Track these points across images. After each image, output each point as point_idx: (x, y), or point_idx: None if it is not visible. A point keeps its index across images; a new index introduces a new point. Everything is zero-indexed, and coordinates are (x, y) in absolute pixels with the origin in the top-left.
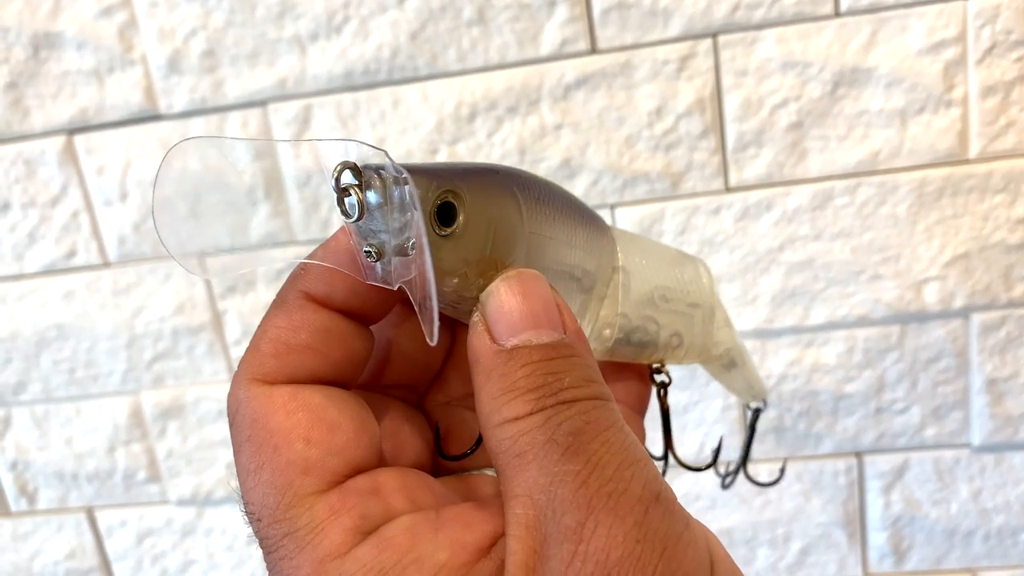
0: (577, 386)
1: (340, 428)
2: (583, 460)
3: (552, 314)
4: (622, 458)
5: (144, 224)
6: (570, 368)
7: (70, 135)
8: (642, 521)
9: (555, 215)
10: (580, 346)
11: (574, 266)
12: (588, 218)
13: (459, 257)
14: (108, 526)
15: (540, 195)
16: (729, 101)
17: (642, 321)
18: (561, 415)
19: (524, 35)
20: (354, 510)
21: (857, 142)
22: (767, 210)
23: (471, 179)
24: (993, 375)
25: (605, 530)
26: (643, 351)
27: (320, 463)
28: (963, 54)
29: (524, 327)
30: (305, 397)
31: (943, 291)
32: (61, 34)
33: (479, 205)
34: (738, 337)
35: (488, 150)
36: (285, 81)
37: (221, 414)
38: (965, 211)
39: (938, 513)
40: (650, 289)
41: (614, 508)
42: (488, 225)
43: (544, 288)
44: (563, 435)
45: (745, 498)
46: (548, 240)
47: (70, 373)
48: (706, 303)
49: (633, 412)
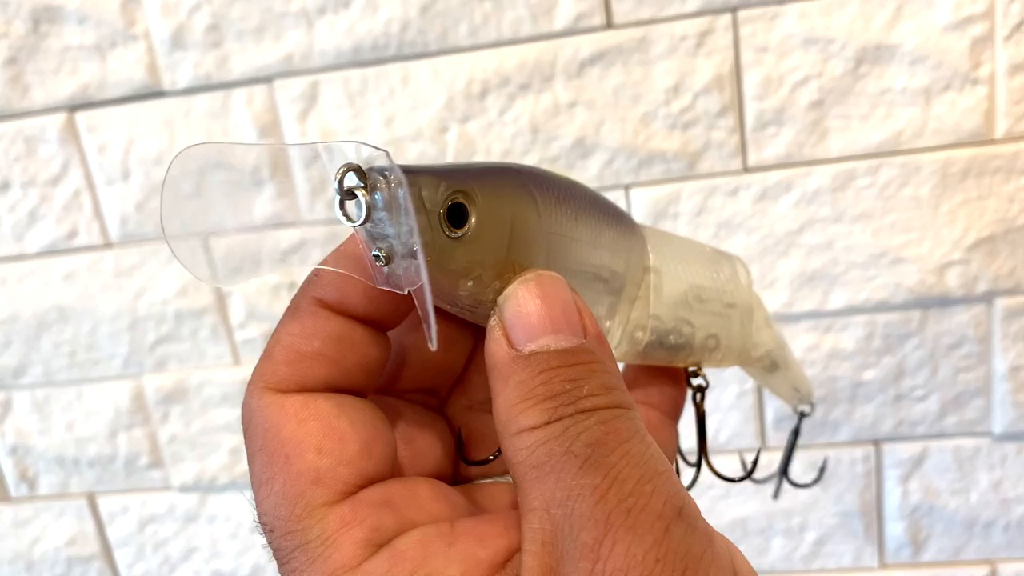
0: (597, 394)
1: (352, 437)
2: (602, 474)
3: (572, 318)
4: (643, 471)
5: (147, 204)
6: (590, 375)
7: (71, 112)
8: (662, 539)
9: (578, 215)
10: (601, 351)
11: (600, 267)
12: (615, 217)
13: (472, 260)
14: (110, 512)
15: (561, 194)
16: (748, 78)
17: (676, 323)
18: (580, 425)
19: (538, 9)
20: (366, 522)
21: (880, 121)
22: (786, 191)
23: (485, 179)
24: (1016, 362)
25: (623, 548)
26: (678, 354)
27: (331, 473)
28: (990, 30)
29: (543, 332)
30: (317, 406)
31: (966, 275)
32: (62, 8)
33: (493, 206)
34: (781, 337)
35: (500, 128)
36: (292, 57)
37: (225, 399)
38: (990, 193)
39: (957, 503)
40: (684, 290)
41: (633, 525)
42: (503, 226)
43: (564, 291)
44: (581, 447)
45: (759, 487)
46: (571, 241)
47: (71, 356)
48: (744, 303)
49: (666, 417)
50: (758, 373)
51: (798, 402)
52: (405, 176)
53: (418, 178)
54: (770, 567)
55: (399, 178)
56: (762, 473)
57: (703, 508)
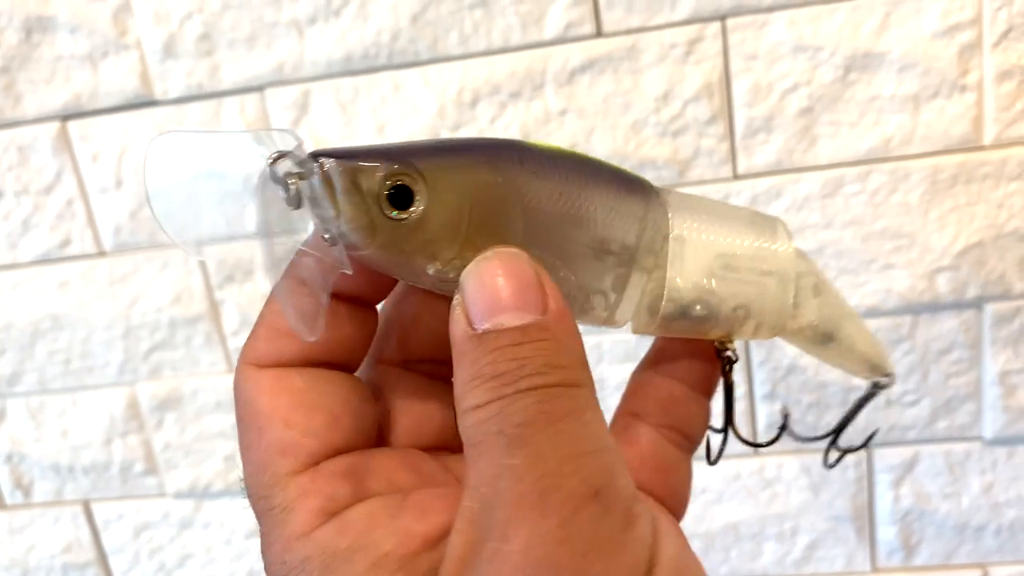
0: (540, 372)
1: (320, 410)
2: (525, 453)
3: (529, 294)
4: (567, 451)
5: (140, 212)
6: (538, 353)
7: (64, 121)
8: (569, 520)
9: (570, 188)
10: (558, 327)
11: (602, 239)
12: (625, 186)
13: (424, 240)
14: (105, 519)
15: (544, 168)
16: (738, 86)
17: (699, 293)
18: (515, 405)
19: (528, 18)
20: (322, 492)
21: (869, 128)
22: (776, 198)
23: (436, 159)
24: (1006, 367)
25: (528, 529)
26: (702, 326)
27: (297, 444)
28: (978, 37)
29: (498, 310)
30: (290, 380)
31: (956, 281)
32: (54, 18)
33: (445, 186)
34: (839, 307)
35: (491, 136)
36: (283, 66)
37: (219, 405)
38: (979, 199)
39: (948, 507)
40: (710, 258)
41: (542, 506)
42: (459, 205)
43: (523, 267)
44: (512, 426)
45: (752, 491)
46: (557, 216)
47: (65, 364)
48: (782, 270)
49: (693, 391)
50: (808, 347)
51: (869, 374)
52: (335, 161)
53: (353, 163)
54: (763, 571)
55: (311, 166)
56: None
57: (695, 514)
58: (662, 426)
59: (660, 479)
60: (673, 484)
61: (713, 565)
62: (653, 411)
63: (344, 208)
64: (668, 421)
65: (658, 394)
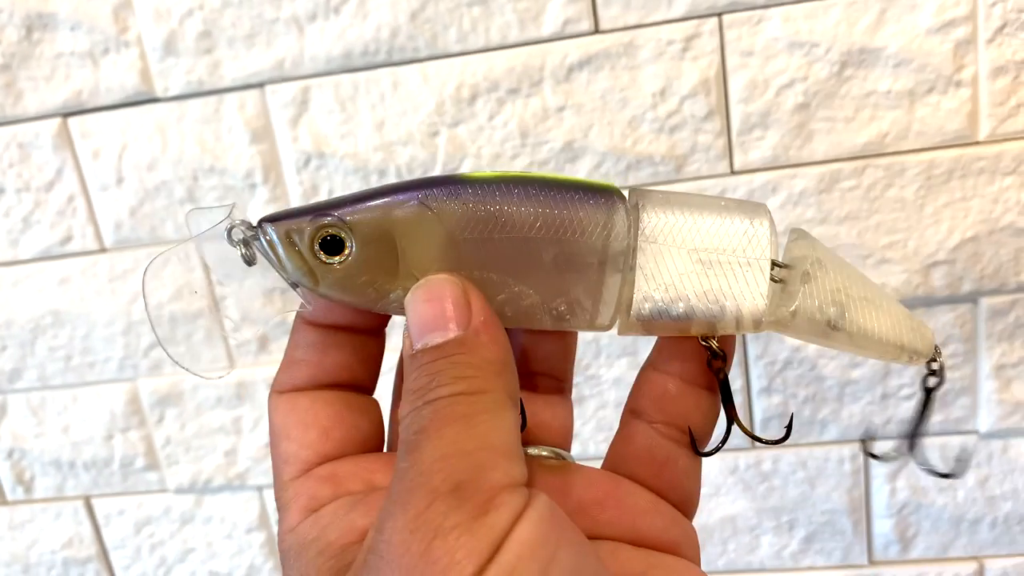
0: (445, 384)
1: (314, 425)
2: (412, 458)
3: (451, 314)
4: (443, 452)
5: (140, 209)
6: (449, 367)
7: (65, 118)
8: (422, 512)
9: (516, 210)
10: (475, 340)
11: (561, 252)
12: (583, 197)
13: (365, 279)
14: (106, 514)
15: (483, 197)
16: (734, 82)
17: (674, 293)
18: (418, 414)
19: (526, 15)
20: (306, 493)
21: (864, 124)
22: (773, 193)
23: (360, 208)
24: (1001, 361)
25: (392, 522)
26: (683, 323)
27: (295, 455)
28: (973, 33)
29: (427, 330)
30: (296, 402)
31: (951, 275)
32: (54, 15)
33: (371, 230)
34: (849, 291)
35: (490, 133)
36: (283, 63)
37: (219, 401)
38: (974, 194)
39: (944, 500)
40: (683, 257)
41: (406, 500)
42: (390, 243)
43: (448, 289)
44: (411, 434)
45: (749, 485)
46: (503, 237)
47: (66, 360)
48: (758, 261)
49: (694, 387)
50: (815, 339)
51: (908, 358)
52: (271, 225)
53: (286, 223)
54: (760, 565)
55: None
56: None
57: None
58: (656, 422)
59: (655, 473)
60: (671, 478)
61: (711, 558)
62: (648, 408)
63: (285, 262)
64: (663, 417)
65: (653, 391)
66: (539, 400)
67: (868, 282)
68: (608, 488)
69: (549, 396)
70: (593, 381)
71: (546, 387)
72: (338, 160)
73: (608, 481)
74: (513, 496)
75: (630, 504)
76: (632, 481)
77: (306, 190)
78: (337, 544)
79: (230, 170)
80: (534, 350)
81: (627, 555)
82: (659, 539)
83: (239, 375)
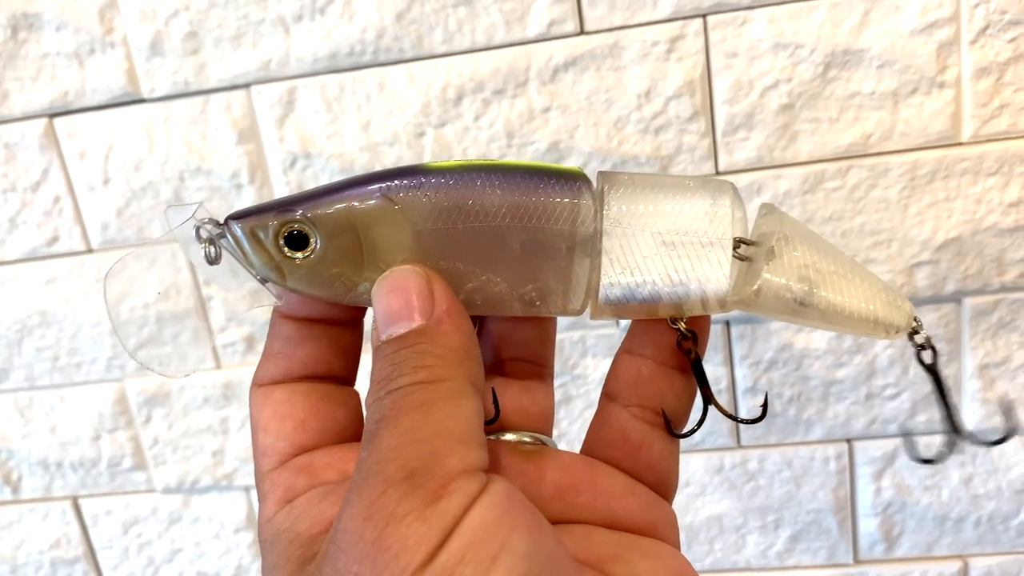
0: (405, 374)
1: (290, 417)
2: (371, 447)
3: (414, 304)
4: (399, 440)
5: (127, 209)
6: (410, 357)
7: (51, 119)
8: (376, 500)
9: (478, 198)
10: (438, 329)
11: (527, 239)
12: (547, 182)
13: (333, 270)
14: (93, 515)
15: (445, 186)
16: (719, 83)
17: (640, 275)
18: (380, 404)
19: (511, 16)
20: (282, 485)
21: (848, 124)
22: (757, 194)
23: (321, 202)
24: (985, 360)
25: (348, 510)
26: (650, 306)
27: (272, 447)
28: (956, 34)
29: (391, 321)
30: (273, 395)
31: (935, 275)
32: (40, 15)
33: (334, 224)
34: (818, 266)
35: (475, 133)
36: (269, 63)
37: (207, 401)
38: (958, 194)
39: (929, 499)
40: (648, 239)
41: (362, 488)
42: (353, 236)
43: (411, 279)
44: (372, 423)
45: (735, 484)
46: (467, 226)
47: (53, 360)
48: (721, 240)
49: (668, 368)
50: (787, 316)
51: (886, 332)
52: (237, 222)
53: (250, 220)
54: (746, 564)
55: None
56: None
57: (678, 506)
58: (631, 405)
59: (631, 456)
60: (647, 460)
61: (697, 557)
62: (622, 391)
63: (252, 258)
64: (637, 400)
65: (627, 374)
66: (517, 385)
67: (841, 256)
68: (583, 472)
69: (528, 381)
70: (580, 380)
71: (525, 372)
72: (324, 160)
73: (583, 465)
74: (467, 482)
75: (605, 487)
76: (608, 465)
77: (293, 191)
78: (307, 534)
79: (216, 171)
80: (511, 335)
81: (600, 538)
82: (635, 521)
83: (226, 375)
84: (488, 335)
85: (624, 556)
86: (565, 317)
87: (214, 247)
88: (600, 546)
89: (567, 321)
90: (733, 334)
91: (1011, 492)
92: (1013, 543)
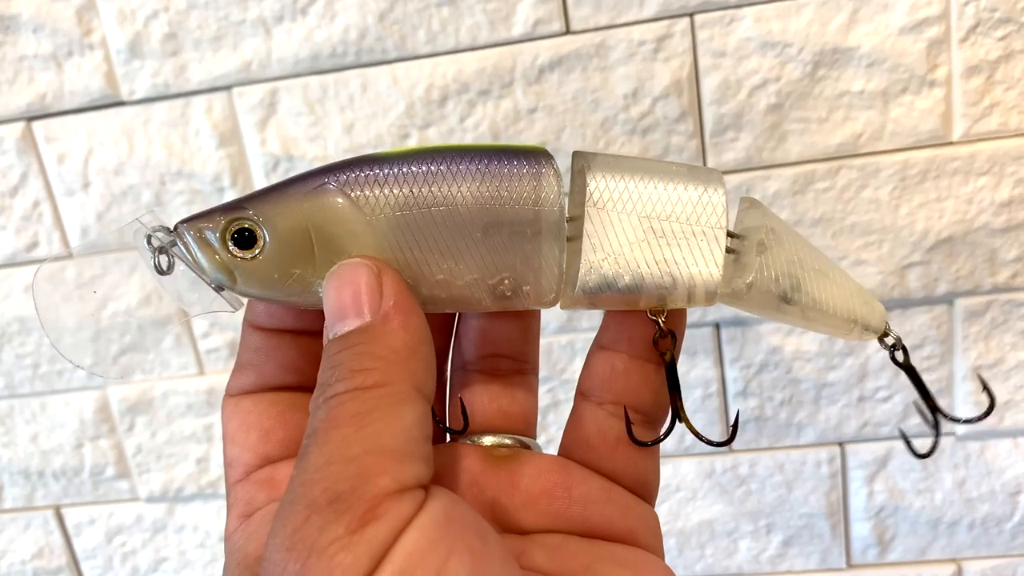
0: (343, 379)
1: (255, 427)
2: (300, 466)
3: (363, 299)
4: (326, 459)
5: (107, 214)
6: (349, 359)
7: (28, 122)
8: (299, 528)
9: (433, 184)
10: (382, 327)
11: (488, 223)
12: (509, 164)
13: (283, 269)
14: (76, 524)
15: (398, 175)
16: (707, 83)
17: (622, 263)
18: (316, 415)
19: (496, 15)
20: (243, 499)
21: (838, 124)
22: (746, 194)
23: (267, 199)
24: (977, 362)
25: (273, 539)
26: (630, 296)
27: (237, 459)
28: (946, 33)
29: (338, 318)
30: (241, 405)
31: (926, 276)
32: (16, 17)
33: (281, 221)
34: (803, 263)
35: (460, 134)
36: (250, 64)
37: (190, 408)
38: (949, 194)
39: (922, 503)
40: (632, 226)
41: (285, 514)
42: (302, 231)
43: (355, 275)
44: (307, 436)
45: (726, 489)
46: (424, 215)
47: (34, 368)
48: (711, 230)
49: (636, 361)
50: (769, 312)
51: (860, 333)
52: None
53: (195, 222)
54: (738, 569)
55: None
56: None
57: (670, 511)
58: (605, 402)
59: (607, 456)
60: (624, 460)
61: (688, 562)
62: (596, 388)
63: (202, 261)
64: (612, 397)
65: (600, 370)
66: (498, 384)
67: (820, 254)
68: (557, 478)
69: (510, 379)
70: (569, 385)
71: (507, 370)
72: (307, 163)
73: (558, 470)
74: (399, 503)
75: (580, 493)
76: (584, 467)
77: None
78: (253, 556)
79: (198, 174)
80: (491, 331)
81: (574, 548)
82: (612, 528)
83: (209, 381)
84: (468, 331)
85: (596, 567)
86: (539, 308)
87: (166, 256)
88: (573, 557)
89: (556, 324)
90: (723, 336)
91: (1004, 495)
92: (1007, 546)
